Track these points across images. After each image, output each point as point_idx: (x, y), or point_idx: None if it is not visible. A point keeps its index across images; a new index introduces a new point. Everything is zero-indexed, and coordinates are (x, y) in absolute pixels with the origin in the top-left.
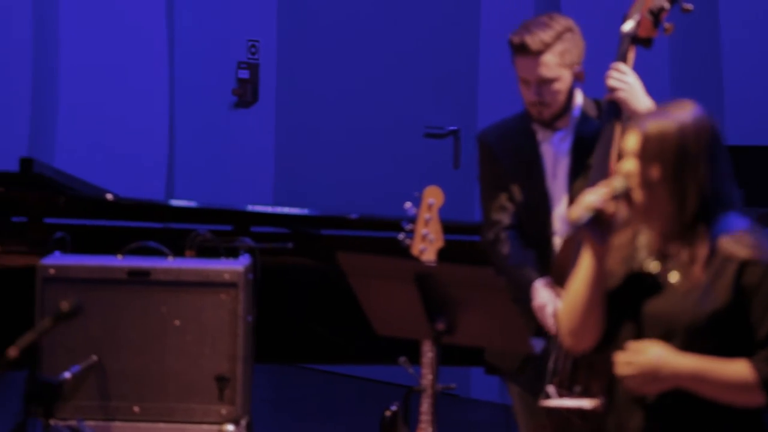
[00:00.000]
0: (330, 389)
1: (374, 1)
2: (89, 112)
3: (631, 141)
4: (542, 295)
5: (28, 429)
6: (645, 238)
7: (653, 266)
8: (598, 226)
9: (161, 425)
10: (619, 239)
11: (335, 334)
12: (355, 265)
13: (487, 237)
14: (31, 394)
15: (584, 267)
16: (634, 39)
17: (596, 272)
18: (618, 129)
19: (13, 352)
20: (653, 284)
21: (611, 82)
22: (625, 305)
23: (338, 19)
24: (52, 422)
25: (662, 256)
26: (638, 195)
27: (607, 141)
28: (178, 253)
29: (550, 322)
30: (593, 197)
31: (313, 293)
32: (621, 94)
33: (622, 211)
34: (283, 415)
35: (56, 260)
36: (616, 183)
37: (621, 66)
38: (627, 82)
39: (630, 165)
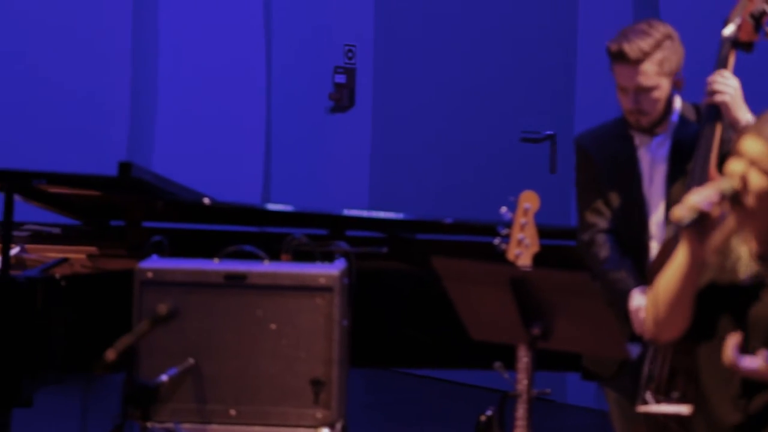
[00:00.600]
0: (425, 393)
1: (471, 5)
2: (187, 117)
3: (750, 146)
4: (638, 299)
5: (126, 431)
6: (743, 240)
7: (753, 269)
8: (700, 226)
9: (257, 428)
10: (716, 238)
11: (430, 338)
12: (450, 269)
13: (582, 239)
14: (129, 397)
15: (678, 261)
16: (735, 43)
17: (690, 269)
18: (717, 133)
19: (111, 355)
20: (753, 288)
21: (715, 86)
22: (717, 305)
23: (435, 23)
24: (149, 425)
25: (763, 259)
26: (750, 200)
27: (706, 145)
28: (274, 257)
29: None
30: (698, 198)
31: (408, 297)
32: (724, 98)
33: (723, 211)
34: (378, 419)
35: (154, 264)
36: (724, 185)
37: (724, 72)
38: (730, 86)
39: (738, 167)
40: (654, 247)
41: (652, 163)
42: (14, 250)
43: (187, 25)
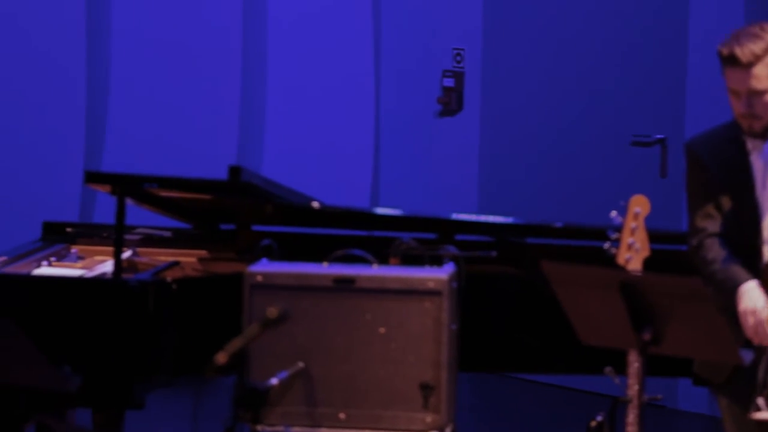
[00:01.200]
0: (534, 398)
1: (580, 8)
2: (296, 121)
3: None
4: (748, 299)
5: None
6: None
7: None
8: None
9: None
10: None
11: (539, 342)
12: (559, 273)
13: (691, 243)
14: (240, 400)
15: None
16: None
17: None
18: None
19: (221, 358)
20: None
21: None
22: None
23: (544, 27)
24: (259, 428)
25: None
26: None
27: None
28: (383, 261)
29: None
30: None
31: (517, 302)
32: None
33: None
34: (487, 423)
35: (263, 267)
36: None
37: None
38: None
39: None
40: (767, 252)
41: (765, 167)
42: (126, 254)
43: (296, 28)
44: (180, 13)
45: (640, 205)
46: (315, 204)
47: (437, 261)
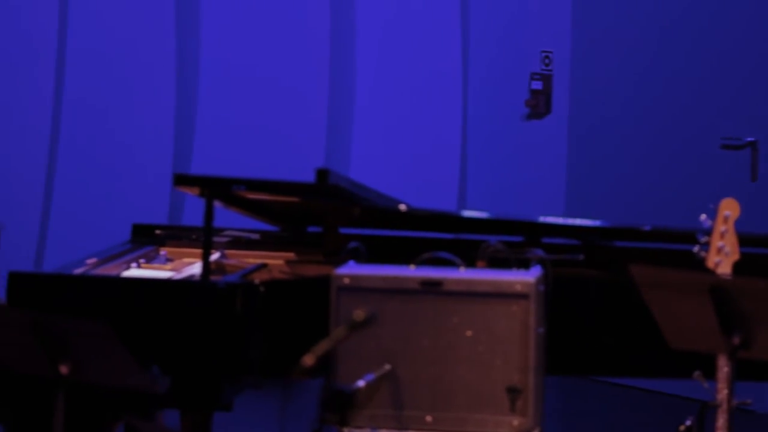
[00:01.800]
0: (622, 402)
1: (669, 11)
2: (384, 124)
3: None
4: None
5: None
6: None
7: None
8: None
9: None
10: None
11: (627, 346)
12: (648, 277)
13: None
14: (326, 402)
15: None
16: None
17: None
18: None
19: (308, 360)
20: None
21: None
22: None
23: (633, 29)
24: (346, 430)
25: None
26: None
27: None
28: (470, 263)
29: None
30: None
31: (605, 305)
32: None
33: None
34: (575, 427)
35: (351, 270)
36: None
37: None
38: None
39: None
40: None
41: None
42: (214, 256)
43: (384, 30)
44: (267, 13)
45: (730, 209)
46: (402, 207)
47: (524, 264)
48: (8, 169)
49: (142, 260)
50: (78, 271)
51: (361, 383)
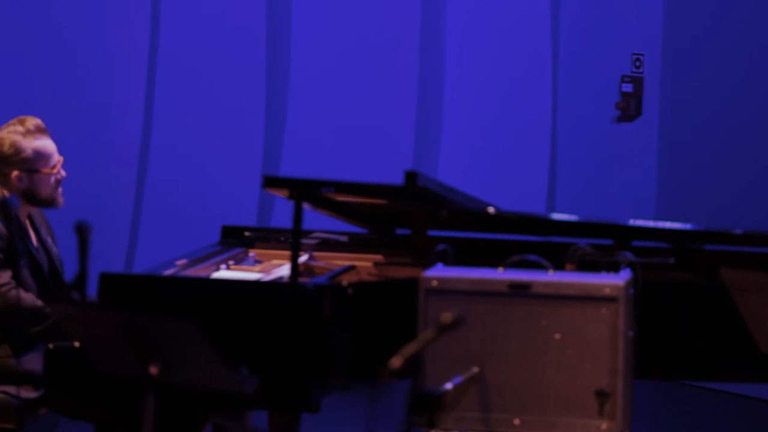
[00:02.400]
0: (713, 407)
1: (762, 14)
2: (473, 125)
3: None
4: None
5: None
6: None
7: None
8: None
9: None
10: None
11: (718, 350)
12: (739, 281)
13: None
14: (414, 404)
15: None
16: None
17: None
18: None
19: (396, 362)
20: None
21: None
22: None
23: (725, 32)
24: None
25: None
26: None
27: None
28: (559, 266)
29: None
30: None
31: (695, 309)
32: None
33: None
34: (663, 431)
35: (439, 272)
36: None
37: None
38: None
39: None
40: None
41: None
42: (303, 258)
43: (474, 32)
44: (358, 17)
45: None
46: (490, 209)
47: (614, 267)
48: (100, 171)
49: (231, 261)
50: (168, 272)
51: (448, 385)
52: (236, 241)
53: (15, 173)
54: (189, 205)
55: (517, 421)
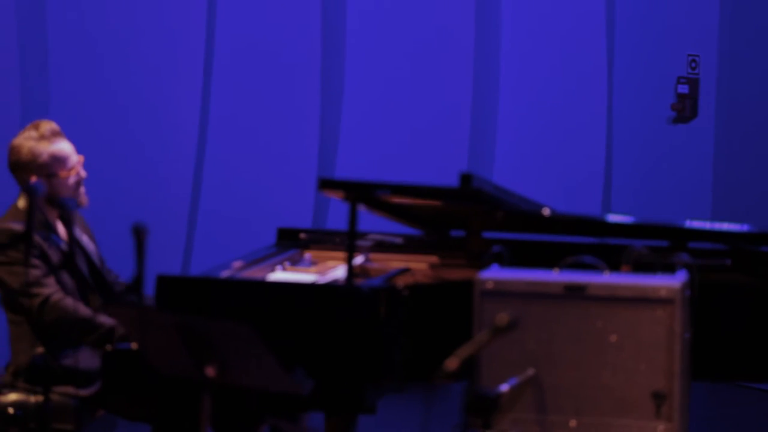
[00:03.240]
0: None
1: None
2: (527, 127)
3: None
4: None
5: None
6: None
7: None
8: None
9: None
10: None
11: None
12: None
13: None
14: (470, 406)
15: None
16: None
17: None
18: None
19: (451, 364)
20: None
21: None
22: None
23: None
24: None
25: None
26: None
27: None
28: (614, 268)
29: None
30: None
31: (751, 310)
32: None
33: None
34: None
35: (494, 274)
36: None
37: None
38: None
39: None
40: None
41: None
42: (358, 259)
43: (529, 33)
44: (413, 18)
45: None
46: (546, 211)
47: (670, 269)
48: (157, 173)
49: (287, 263)
50: (224, 274)
51: (504, 387)
52: (292, 242)
53: (34, 179)
54: (245, 207)
55: (573, 423)
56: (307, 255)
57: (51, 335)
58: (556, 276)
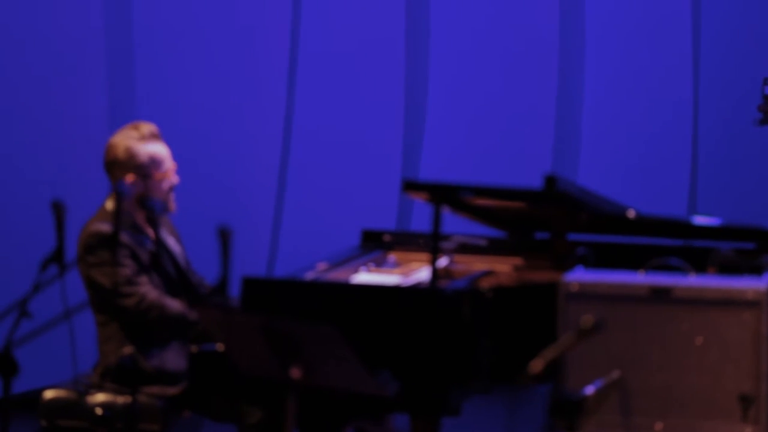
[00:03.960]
0: None
1: None
2: (612, 129)
3: None
4: None
5: None
6: None
7: None
8: None
9: None
10: None
11: None
12: None
13: None
14: (555, 408)
15: None
16: None
17: None
18: None
19: (536, 366)
20: None
21: None
22: None
23: None
24: None
25: None
26: None
27: None
28: (700, 270)
29: None
30: None
31: None
32: None
33: None
34: None
35: (579, 276)
36: None
37: None
38: None
39: None
40: None
41: None
42: (442, 261)
43: (614, 34)
44: (496, 20)
45: None
46: (631, 213)
47: (756, 271)
48: (241, 176)
49: (371, 265)
50: (309, 275)
51: (589, 390)
52: (376, 244)
53: (130, 178)
54: (329, 209)
55: (659, 426)
56: (391, 257)
57: (146, 333)
58: (641, 278)
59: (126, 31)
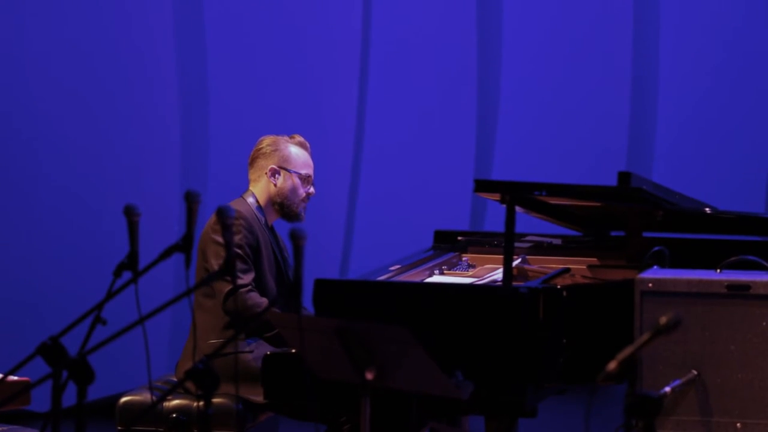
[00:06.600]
0: None
1: None
2: (688, 125)
3: None
4: None
5: None
6: None
7: None
8: None
9: None
10: None
11: None
12: None
13: None
14: (632, 408)
15: None
16: None
17: None
18: None
19: (612, 365)
20: None
21: None
22: None
23: None
24: None
25: None
26: None
27: None
28: None
29: None
30: None
31: None
32: None
33: None
34: None
35: (654, 274)
36: None
37: None
38: None
39: None
40: None
41: None
42: (516, 261)
43: (689, 31)
44: (570, 19)
45: None
46: (707, 209)
47: None
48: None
49: (444, 267)
50: (382, 277)
51: (667, 389)
52: (449, 245)
53: (271, 166)
54: (402, 211)
55: (738, 425)
56: (465, 258)
57: (227, 324)
58: (718, 275)
59: (199, 37)
